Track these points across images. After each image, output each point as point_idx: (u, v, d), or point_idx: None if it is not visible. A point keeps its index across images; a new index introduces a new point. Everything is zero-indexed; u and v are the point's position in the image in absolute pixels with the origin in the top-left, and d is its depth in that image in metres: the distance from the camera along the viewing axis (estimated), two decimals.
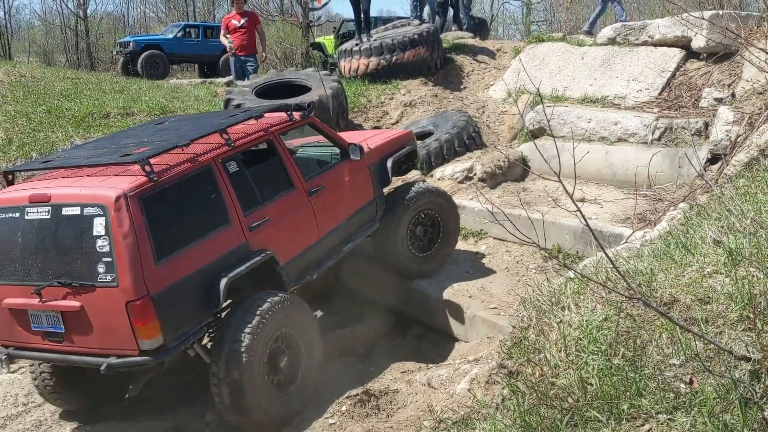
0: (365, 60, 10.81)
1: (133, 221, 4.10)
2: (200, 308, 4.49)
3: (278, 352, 4.82)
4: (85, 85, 12.30)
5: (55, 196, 4.29)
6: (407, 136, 7.02)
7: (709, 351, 2.55)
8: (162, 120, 6.13)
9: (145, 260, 4.12)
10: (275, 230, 5.11)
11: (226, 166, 4.88)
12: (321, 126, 6.02)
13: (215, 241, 4.63)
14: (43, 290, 4.26)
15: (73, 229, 4.20)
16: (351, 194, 6.04)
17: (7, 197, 4.53)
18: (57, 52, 34.42)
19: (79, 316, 4.21)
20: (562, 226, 6.78)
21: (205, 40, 19.43)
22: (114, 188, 4.19)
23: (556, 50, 10.60)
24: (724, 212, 3.75)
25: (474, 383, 3.75)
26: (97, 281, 4.11)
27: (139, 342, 4.11)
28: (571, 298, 3.33)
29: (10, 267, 4.41)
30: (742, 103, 7.21)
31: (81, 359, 4.37)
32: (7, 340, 4.64)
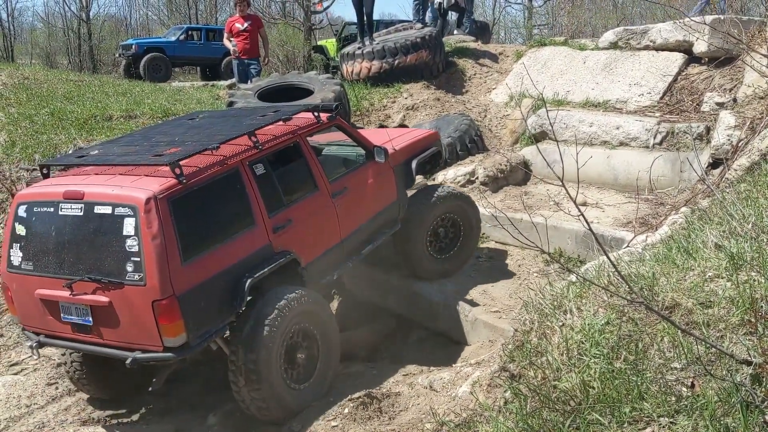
0: (367, 63, 10.83)
1: (161, 223, 4.22)
2: (223, 308, 4.59)
3: (296, 347, 4.92)
4: (88, 88, 12.33)
5: (88, 194, 4.43)
6: (433, 137, 7.04)
7: (711, 355, 2.56)
8: (194, 116, 6.21)
9: (172, 261, 4.24)
10: (298, 231, 5.19)
11: (253, 169, 4.96)
12: (347, 127, 6.05)
13: (240, 242, 4.73)
14: (74, 284, 4.40)
15: (104, 227, 4.34)
16: (374, 196, 6.08)
17: (43, 191, 4.70)
18: (59, 55, 34.45)
19: (107, 310, 4.36)
20: (564, 230, 6.79)
21: (207, 43, 19.47)
22: (144, 190, 4.30)
23: (558, 54, 10.63)
24: (725, 217, 3.76)
25: (476, 386, 3.76)
26: (126, 279, 4.25)
27: (163, 339, 4.26)
28: (573, 301, 3.34)
29: (43, 259, 4.57)
30: (744, 108, 7.23)
31: (108, 351, 4.53)
32: (38, 327, 4.81)
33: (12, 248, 4.70)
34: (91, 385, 5.41)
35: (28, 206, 4.68)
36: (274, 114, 5.62)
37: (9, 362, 6.15)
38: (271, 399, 4.65)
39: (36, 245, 4.61)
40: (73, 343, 4.70)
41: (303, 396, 4.89)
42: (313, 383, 5.03)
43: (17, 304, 4.85)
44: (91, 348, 4.61)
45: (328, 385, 5.12)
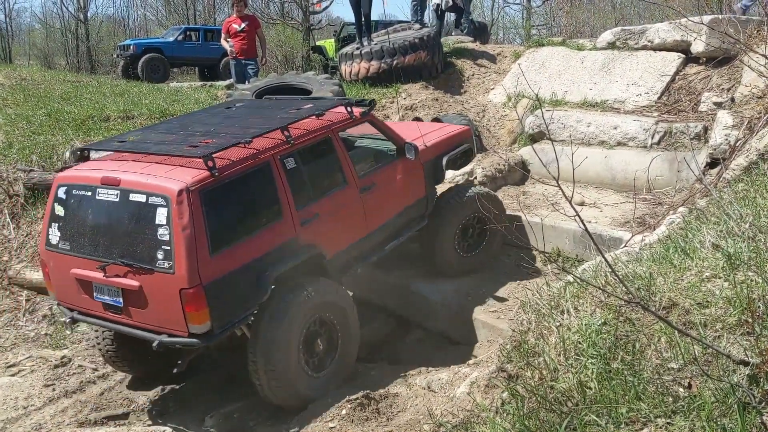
0: (366, 64, 10.83)
1: (192, 214, 4.35)
2: (247, 298, 4.70)
3: (315, 336, 5.06)
4: (86, 89, 12.31)
5: (124, 182, 4.57)
6: (465, 134, 7.07)
7: (708, 355, 2.55)
8: (231, 104, 6.30)
9: (201, 251, 4.37)
10: (325, 225, 5.26)
11: (284, 163, 5.04)
12: (379, 123, 6.08)
13: (267, 234, 4.83)
14: (107, 267, 4.58)
15: (138, 215, 4.49)
16: (402, 191, 6.13)
17: (82, 175, 4.85)
18: (57, 55, 34.44)
19: (137, 294, 4.52)
20: (562, 230, 6.79)
21: (205, 44, 19.43)
22: (177, 181, 4.41)
23: (555, 54, 10.62)
24: (723, 216, 3.76)
25: (474, 387, 3.75)
26: (156, 266, 4.40)
27: (189, 326, 4.41)
28: (571, 301, 3.34)
29: (79, 240, 4.76)
30: (742, 108, 7.23)
31: (136, 332, 4.70)
32: (72, 304, 5.02)
33: (51, 228, 4.92)
34: (121, 363, 5.63)
35: (67, 188, 4.86)
36: (309, 109, 5.67)
37: (6, 363, 6.14)
38: (288, 385, 4.79)
39: (73, 226, 4.80)
40: (104, 321, 4.88)
41: (320, 384, 5.01)
42: (331, 372, 5.16)
43: (53, 280, 5.06)
44: (121, 328, 4.79)
45: (345, 375, 5.25)
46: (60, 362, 6.11)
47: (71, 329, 5.21)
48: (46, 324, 6.95)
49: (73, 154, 8.13)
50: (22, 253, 7.47)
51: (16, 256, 7.46)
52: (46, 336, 6.75)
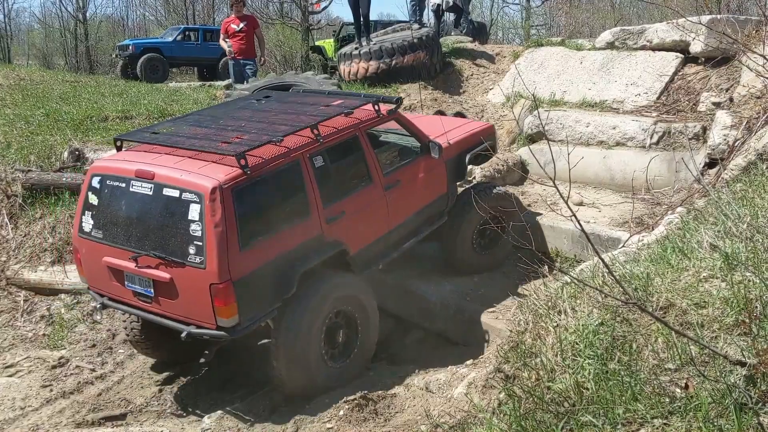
0: (365, 64, 10.82)
1: (224, 211, 4.43)
2: (274, 293, 4.79)
3: (336, 328, 5.18)
4: (84, 89, 12.29)
5: (158, 176, 4.66)
6: (488, 131, 7.09)
7: (705, 356, 2.55)
8: (263, 96, 6.36)
9: (231, 248, 4.46)
10: (350, 222, 5.34)
11: (313, 161, 5.11)
12: (405, 120, 6.10)
13: (294, 231, 4.92)
14: (139, 258, 4.70)
15: (171, 209, 4.59)
16: (424, 189, 6.17)
17: (116, 166, 4.96)
18: (56, 55, 34.43)
19: (168, 285, 4.63)
20: (560, 230, 6.79)
21: (204, 44, 19.41)
22: (211, 178, 4.50)
23: (554, 54, 10.62)
24: (720, 217, 3.75)
25: (471, 387, 3.75)
26: (187, 260, 4.51)
27: (217, 319, 4.52)
28: (568, 302, 3.33)
29: (112, 230, 4.88)
30: (740, 108, 7.22)
31: (165, 322, 4.82)
32: (103, 290, 5.15)
33: (84, 215, 5.04)
34: (148, 348, 5.78)
35: (102, 179, 4.97)
36: (338, 107, 5.71)
37: (4, 364, 6.13)
38: (308, 375, 4.91)
39: (106, 216, 4.93)
40: (134, 309, 4.99)
41: (338, 374, 5.12)
42: (350, 364, 5.27)
43: (85, 266, 5.19)
44: (150, 316, 4.90)
45: (362, 368, 5.35)
46: (57, 363, 6.10)
47: (101, 315, 5.47)
48: (44, 324, 6.94)
49: (71, 154, 8.18)
50: (20, 253, 7.46)
51: (14, 257, 7.45)
52: (44, 336, 6.74)
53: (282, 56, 20.50)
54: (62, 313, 6.96)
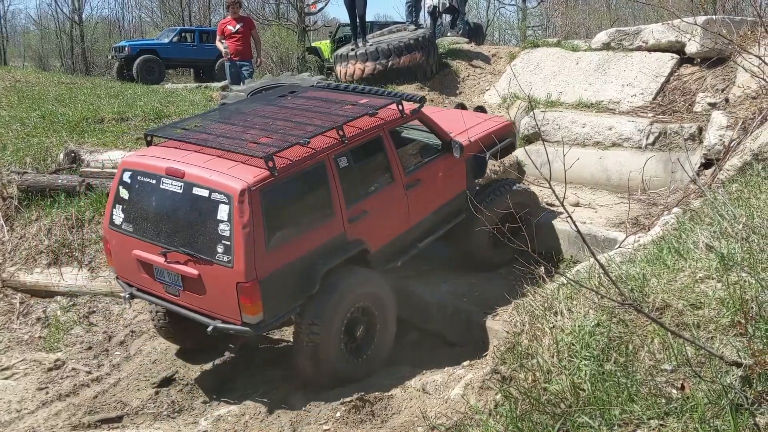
0: (361, 65, 10.82)
1: (252, 213, 4.56)
2: (297, 291, 4.93)
3: (356, 323, 5.28)
4: (80, 90, 12.28)
5: (188, 175, 4.78)
6: (507, 128, 7.11)
7: (701, 356, 2.55)
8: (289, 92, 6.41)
9: (258, 248, 4.60)
10: (371, 221, 5.44)
11: (337, 162, 5.19)
12: (427, 120, 6.12)
13: (318, 231, 5.05)
14: (168, 253, 4.85)
15: (201, 208, 4.72)
16: (444, 186, 6.19)
17: (147, 162, 5.08)
18: (52, 57, 34.36)
19: (196, 281, 4.79)
20: (558, 230, 6.78)
21: (200, 45, 19.41)
22: (240, 180, 4.61)
23: (550, 55, 10.62)
24: (716, 217, 3.76)
25: (468, 389, 3.75)
26: (215, 258, 4.65)
27: (242, 315, 4.68)
28: (564, 303, 3.34)
29: (142, 224, 5.03)
30: (736, 108, 7.23)
31: (192, 315, 4.98)
32: (131, 281, 5.31)
33: (115, 208, 5.19)
34: (173, 336, 5.91)
35: (132, 174, 5.10)
36: (363, 107, 5.73)
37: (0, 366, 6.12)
38: (329, 367, 5.02)
39: (136, 210, 5.07)
40: (162, 301, 5.15)
41: (357, 367, 5.24)
42: (369, 357, 5.37)
43: (114, 257, 5.36)
44: (178, 309, 5.06)
45: (380, 362, 5.44)
46: (53, 365, 6.09)
47: (129, 304, 5.66)
48: (39, 327, 6.93)
49: (67, 156, 8.17)
50: (15, 255, 7.45)
51: (9, 259, 7.44)
52: (40, 339, 6.72)
53: (278, 57, 20.48)
54: (58, 315, 6.95)
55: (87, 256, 7.35)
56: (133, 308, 6.70)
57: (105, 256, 6.05)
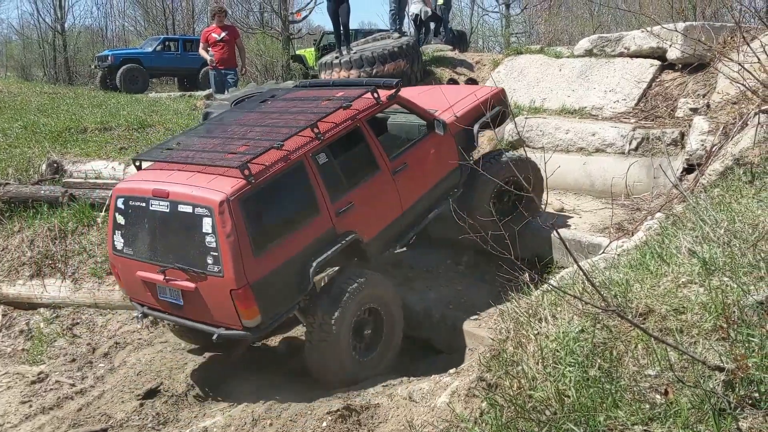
0: (345, 72, 10.82)
1: (234, 222, 4.69)
2: (293, 290, 5.10)
3: (364, 324, 5.45)
4: (63, 100, 12.22)
5: (172, 194, 4.95)
6: (497, 96, 6.99)
7: (684, 361, 2.56)
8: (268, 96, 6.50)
9: (245, 254, 4.73)
10: (360, 212, 5.52)
11: (316, 159, 5.29)
12: (407, 102, 6.13)
13: (305, 230, 5.16)
14: (166, 270, 5.02)
15: (187, 224, 4.88)
16: (434, 166, 6.19)
17: (136, 187, 5.29)
18: (35, 67, 34.06)
19: (194, 294, 4.95)
20: (542, 237, 6.80)
21: (184, 54, 19.36)
22: (218, 192, 4.75)
23: (534, 62, 10.68)
24: (698, 222, 3.79)
25: (454, 396, 3.74)
26: (207, 270, 4.81)
27: (242, 321, 4.85)
28: (548, 309, 3.34)
29: (140, 246, 5.23)
30: (717, 113, 7.30)
31: (197, 326, 5.20)
32: (141, 301, 5.53)
33: (115, 234, 5.38)
34: (186, 337, 6.09)
35: (125, 199, 5.30)
36: (337, 100, 5.75)
37: None
38: (338, 367, 5.20)
39: (133, 234, 5.26)
40: (170, 316, 5.39)
41: (366, 367, 5.39)
42: (376, 357, 5.53)
43: (123, 280, 5.57)
44: (184, 322, 5.30)
45: (387, 362, 5.60)
46: (37, 378, 6.02)
47: (142, 323, 5.92)
48: (22, 339, 6.86)
49: (50, 167, 8.11)
50: None
51: None
52: (23, 351, 6.66)
53: (263, 66, 20.43)
54: (41, 327, 6.89)
55: (70, 268, 7.30)
56: (117, 320, 6.66)
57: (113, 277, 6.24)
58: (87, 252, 7.39)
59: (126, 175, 8.12)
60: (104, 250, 7.36)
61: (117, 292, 7.03)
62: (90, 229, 7.60)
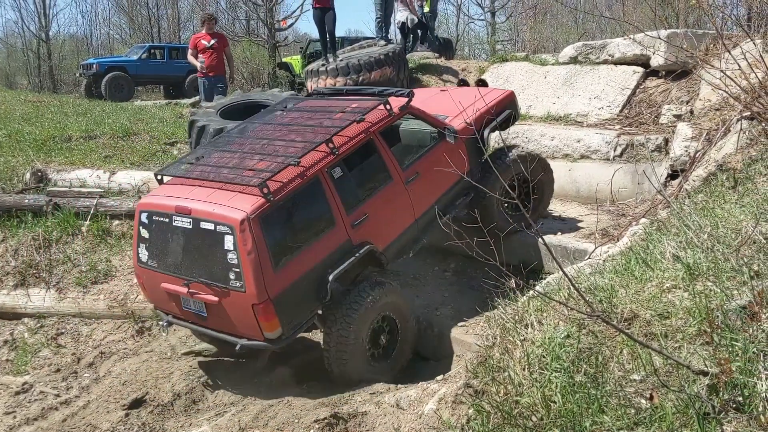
0: (332, 80, 10.84)
1: (254, 240, 4.83)
2: (311, 301, 5.25)
3: (380, 331, 5.58)
4: (47, 108, 12.14)
5: (194, 211, 5.08)
6: (507, 99, 7.12)
7: (669, 366, 2.58)
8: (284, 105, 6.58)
9: (266, 270, 4.88)
10: (375, 222, 5.65)
11: (331, 174, 5.41)
12: (419, 112, 6.21)
13: (322, 242, 5.30)
14: (190, 284, 5.16)
15: (210, 241, 5.01)
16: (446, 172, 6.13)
17: (159, 203, 5.41)
18: (19, 75, 33.87)
19: (218, 307, 5.11)
20: (528, 243, 6.83)
21: (170, 61, 19.32)
22: (238, 210, 4.89)
23: (519, 69, 10.75)
24: (682, 228, 3.81)
25: (442, 403, 3.73)
26: (229, 285, 4.95)
27: (263, 333, 5.00)
28: (534, 315, 3.35)
29: (164, 260, 5.36)
30: (700, 120, 7.38)
31: (221, 336, 5.37)
32: (166, 310, 5.69)
33: (139, 247, 5.53)
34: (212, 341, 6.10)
35: (148, 214, 5.43)
36: (350, 113, 5.83)
37: None
38: (355, 372, 5.32)
39: (157, 247, 5.40)
40: (194, 326, 5.55)
41: (381, 371, 5.49)
42: (391, 362, 5.67)
43: (148, 291, 5.73)
44: (208, 332, 5.46)
45: (400, 367, 5.74)
46: (21, 389, 5.97)
47: (167, 332, 6.00)
48: (6, 350, 6.79)
49: (34, 175, 8.04)
50: None
51: None
52: (7, 362, 6.59)
53: (249, 73, 20.41)
54: (25, 337, 6.82)
55: (54, 277, 7.24)
56: (101, 329, 6.61)
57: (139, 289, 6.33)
58: (71, 261, 7.33)
59: (111, 184, 8.09)
60: (89, 258, 7.33)
61: (102, 302, 6.99)
62: (74, 238, 7.55)
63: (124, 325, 6.87)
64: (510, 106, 7.11)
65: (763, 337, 2.50)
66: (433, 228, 6.17)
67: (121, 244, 7.45)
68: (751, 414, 2.25)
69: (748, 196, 4.22)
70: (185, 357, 6.12)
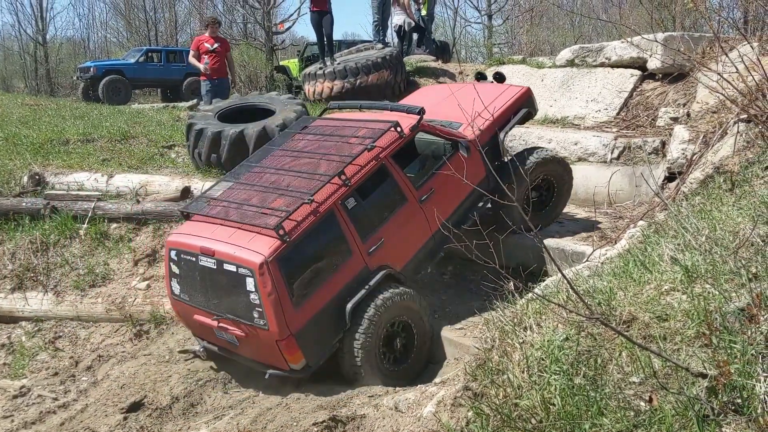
0: (329, 83, 10.86)
1: (274, 281, 4.99)
2: (332, 331, 5.36)
3: (394, 335, 5.61)
4: (44, 112, 12.12)
5: (217, 252, 5.26)
6: (523, 98, 7.00)
7: (668, 368, 2.58)
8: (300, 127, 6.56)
9: (286, 309, 5.05)
10: (391, 245, 5.67)
11: (345, 205, 5.47)
12: (431, 129, 6.15)
13: (340, 273, 5.38)
14: (220, 320, 5.36)
15: (233, 281, 5.18)
16: (461, 183, 6.09)
17: (186, 242, 5.59)
18: (16, 78, 33.86)
19: (246, 339, 5.32)
20: (526, 245, 6.83)
21: (167, 65, 19.31)
22: (257, 254, 5.03)
23: (516, 72, 10.77)
24: (680, 230, 3.82)
25: (440, 406, 3.73)
26: (254, 323, 5.13)
27: (289, 364, 5.21)
28: (533, 318, 3.36)
29: (195, 295, 5.58)
30: (697, 122, 7.40)
31: (251, 363, 5.59)
32: (202, 336, 5.92)
33: (172, 281, 5.76)
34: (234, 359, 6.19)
35: (177, 252, 5.63)
36: (361, 139, 5.81)
37: None
38: (370, 377, 5.34)
39: (187, 283, 5.61)
40: (227, 353, 5.75)
41: (396, 375, 5.53)
42: (407, 367, 5.68)
43: (184, 320, 5.99)
44: (240, 359, 5.67)
45: (415, 373, 5.70)
46: (19, 392, 5.94)
47: (203, 356, 6.04)
48: (4, 353, 6.77)
49: (31, 179, 8.04)
50: None
51: None
52: (5, 366, 6.58)
53: (246, 77, 20.44)
54: (23, 341, 6.81)
55: (52, 280, 7.23)
56: (99, 333, 6.60)
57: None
58: (69, 264, 7.32)
59: (109, 187, 8.08)
60: (86, 262, 7.32)
61: (100, 305, 6.98)
62: (72, 242, 7.53)
63: (122, 328, 6.87)
64: (527, 104, 7.00)
65: (761, 339, 2.50)
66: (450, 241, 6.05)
67: (119, 247, 7.44)
68: (750, 416, 2.26)
69: (745, 199, 4.23)
70: (183, 361, 6.11)
